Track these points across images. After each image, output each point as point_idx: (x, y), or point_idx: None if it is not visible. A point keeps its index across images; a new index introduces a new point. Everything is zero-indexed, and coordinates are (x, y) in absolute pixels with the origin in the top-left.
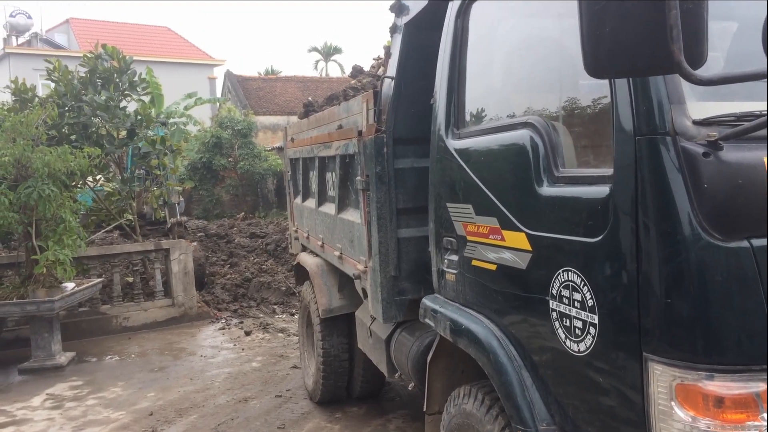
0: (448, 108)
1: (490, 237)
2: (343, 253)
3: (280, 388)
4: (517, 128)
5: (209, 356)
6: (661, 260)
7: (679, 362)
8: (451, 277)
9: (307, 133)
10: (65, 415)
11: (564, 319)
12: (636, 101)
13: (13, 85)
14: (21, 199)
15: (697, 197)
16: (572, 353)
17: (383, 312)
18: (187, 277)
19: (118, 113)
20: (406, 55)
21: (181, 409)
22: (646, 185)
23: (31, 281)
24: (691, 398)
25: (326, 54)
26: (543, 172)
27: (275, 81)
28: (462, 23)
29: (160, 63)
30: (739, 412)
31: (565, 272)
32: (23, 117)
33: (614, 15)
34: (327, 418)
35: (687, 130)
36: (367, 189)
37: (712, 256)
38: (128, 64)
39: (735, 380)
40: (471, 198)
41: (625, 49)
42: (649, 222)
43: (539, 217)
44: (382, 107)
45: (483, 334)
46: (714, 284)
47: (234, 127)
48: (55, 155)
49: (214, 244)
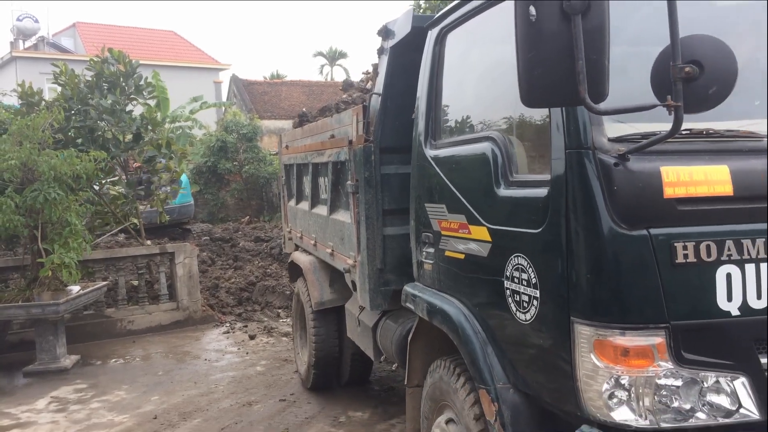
0: (427, 122)
1: (459, 231)
2: (335, 250)
3: (284, 392)
4: (481, 141)
5: (213, 360)
6: (583, 246)
7: (596, 323)
8: (428, 266)
9: (301, 141)
10: (69, 418)
11: (515, 295)
12: (566, 123)
13: (20, 89)
14: (27, 203)
15: (609, 197)
16: (520, 322)
17: (370, 300)
18: (192, 281)
19: (124, 117)
20: (392, 75)
21: (185, 413)
22: (573, 188)
23: (37, 284)
24: (605, 350)
25: (331, 58)
26: (500, 177)
27: (281, 85)
28: (439, 50)
29: (166, 67)
30: (640, 360)
31: (516, 257)
32: (30, 120)
33: (540, 62)
34: (331, 422)
35: (603, 146)
36: (357, 192)
37: (620, 242)
38: (134, 67)
39: (637, 335)
40: (444, 199)
41: (548, 88)
42: (575, 216)
43: (497, 213)
44: (370, 120)
45: (453, 313)
46: (621, 264)
47: (239, 131)
48: (62, 159)
49: (218, 248)
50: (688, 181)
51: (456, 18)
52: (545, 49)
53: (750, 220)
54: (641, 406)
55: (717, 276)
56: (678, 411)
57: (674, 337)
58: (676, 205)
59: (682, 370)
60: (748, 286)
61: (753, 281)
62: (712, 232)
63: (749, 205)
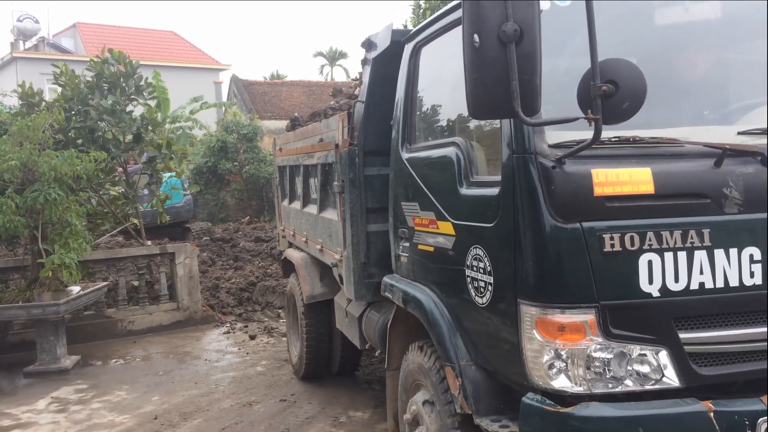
0: (403, 127)
1: (429, 226)
2: (324, 246)
3: (284, 393)
4: (448, 146)
5: (214, 360)
6: (527, 237)
7: (538, 304)
8: (404, 259)
9: (294, 144)
10: (70, 418)
11: (474, 281)
12: (513, 131)
13: (20, 89)
14: (27, 203)
15: (548, 195)
16: (478, 305)
17: (355, 292)
18: (192, 281)
19: (125, 117)
20: (374, 84)
21: (186, 413)
22: (518, 187)
23: (37, 285)
24: (545, 327)
25: (332, 58)
26: (463, 178)
27: (281, 85)
28: (414, 62)
29: (167, 67)
30: (574, 335)
31: (475, 249)
32: (30, 121)
33: (483, 82)
34: (331, 423)
35: (544, 151)
36: (343, 192)
37: (557, 234)
38: (135, 68)
39: (571, 314)
40: (417, 197)
41: (490, 103)
42: (520, 212)
43: (460, 210)
44: (354, 125)
45: (424, 300)
46: (558, 253)
47: (239, 132)
48: (62, 159)
49: (219, 248)
50: (615, 181)
51: (428, 34)
52: (486, 71)
53: (669, 215)
54: (576, 374)
55: (639, 263)
56: (608, 379)
57: (603, 315)
58: (605, 202)
59: (611, 343)
60: (667, 271)
61: (671, 267)
62: (636, 225)
63: (668, 201)
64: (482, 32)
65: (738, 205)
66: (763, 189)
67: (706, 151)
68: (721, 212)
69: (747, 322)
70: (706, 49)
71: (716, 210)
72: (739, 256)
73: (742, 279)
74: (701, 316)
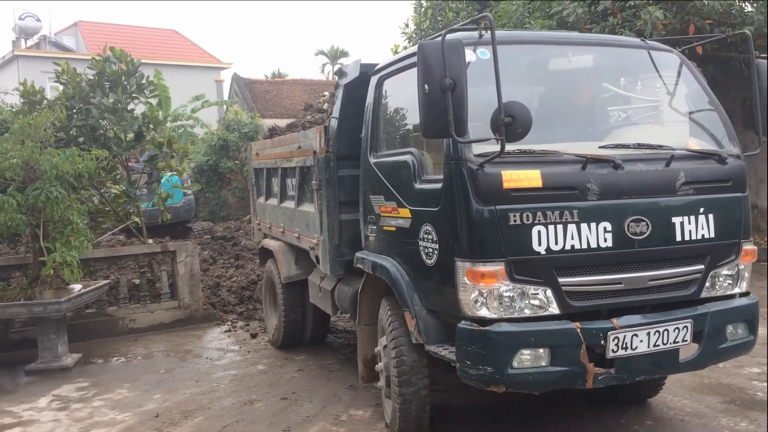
0: (371, 140)
1: (392, 212)
2: (301, 234)
3: (285, 391)
4: (406, 154)
5: (215, 358)
6: (460, 216)
7: (467, 260)
8: (372, 238)
9: (272, 150)
10: (71, 416)
11: (425, 249)
12: (451, 146)
13: (21, 88)
14: (29, 201)
15: (474, 188)
16: (428, 265)
17: (330, 268)
18: (194, 280)
19: (126, 116)
20: (345, 104)
21: (187, 411)
22: (454, 183)
23: (39, 283)
24: (472, 275)
25: (333, 57)
26: (417, 177)
27: (282, 84)
28: (378, 91)
29: (168, 66)
30: (491, 279)
31: (425, 225)
32: (32, 119)
33: (431, 115)
34: (332, 421)
35: (471, 159)
36: (320, 189)
37: (480, 214)
38: (136, 66)
39: (489, 266)
40: (382, 191)
41: (435, 128)
42: (456, 199)
43: (414, 199)
44: (330, 136)
45: (389, 266)
46: (480, 226)
47: (241, 130)
48: (63, 157)
49: (220, 247)
50: (517, 178)
51: (390, 70)
52: (433, 108)
53: (551, 201)
54: (492, 306)
55: (533, 232)
56: (513, 308)
57: (509, 266)
58: (510, 192)
59: (515, 285)
60: (550, 237)
61: (553, 235)
62: (530, 207)
63: (551, 192)
64: (430, 83)
65: (596, 194)
66: (613, 184)
67: (576, 159)
68: (585, 199)
69: (602, 271)
70: (583, 87)
71: (582, 198)
72: (597, 228)
73: (599, 243)
74: (573, 267)
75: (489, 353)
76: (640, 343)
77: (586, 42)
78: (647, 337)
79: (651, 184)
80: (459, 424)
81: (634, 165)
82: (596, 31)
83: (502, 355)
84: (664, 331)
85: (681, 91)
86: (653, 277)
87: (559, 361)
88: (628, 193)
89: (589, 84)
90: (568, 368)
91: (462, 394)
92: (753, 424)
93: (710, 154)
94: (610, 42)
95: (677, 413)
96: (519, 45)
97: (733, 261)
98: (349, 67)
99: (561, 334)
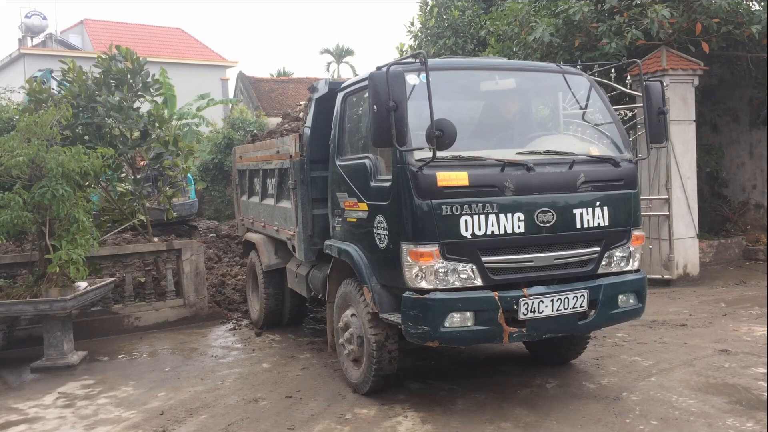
0: (337, 146)
1: (354, 206)
2: (280, 228)
3: (290, 389)
4: (364, 158)
5: (220, 356)
6: (404, 208)
7: (410, 243)
8: (338, 228)
9: (254, 153)
10: (77, 413)
11: (378, 236)
12: (397, 153)
13: (28, 86)
14: (35, 199)
15: (414, 186)
16: (381, 249)
17: (305, 255)
18: (199, 278)
19: (132, 114)
20: (317, 116)
21: (192, 409)
22: (400, 181)
23: (45, 280)
24: (413, 255)
25: (338, 56)
26: (372, 177)
27: (287, 82)
28: (343, 105)
29: (174, 64)
30: (428, 258)
31: (379, 216)
32: (38, 117)
33: (379, 129)
34: (337, 420)
35: (412, 163)
36: (296, 188)
37: (419, 206)
38: (142, 65)
39: (426, 247)
40: (346, 189)
41: (382, 140)
42: (401, 195)
43: (370, 195)
44: (303, 143)
45: (352, 251)
46: (419, 216)
47: (246, 128)
48: (69, 155)
49: (225, 245)
50: (448, 178)
51: (352, 89)
52: (380, 124)
53: (475, 196)
54: (429, 279)
55: (461, 220)
56: (446, 281)
57: (442, 248)
58: (443, 189)
59: (447, 263)
60: (475, 225)
61: (477, 223)
62: (459, 201)
63: (475, 189)
64: (377, 104)
65: (512, 191)
66: (526, 183)
67: (496, 162)
68: (503, 195)
69: (516, 252)
70: (507, 105)
71: (500, 194)
72: (512, 217)
73: (514, 229)
74: (493, 248)
75: (426, 315)
76: (546, 308)
77: (510, 68)
78: (551, 303)
79: (556, 182)
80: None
81: (544, 168)
82: (602, 29)
83: (437, 317)
84: (565, 299)
85: (589, 108)
86: (558, 257)
87: (481, 322)
88: (537, 190)
89: (512, 102)
90: (488, 327)
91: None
92: (759, 424)
93: (606, 159)
94: (531, 67)
95: (683, 413)
96: (455, 71)
97: (625, 244)
98: (319, 84)
99: (482, 301)
